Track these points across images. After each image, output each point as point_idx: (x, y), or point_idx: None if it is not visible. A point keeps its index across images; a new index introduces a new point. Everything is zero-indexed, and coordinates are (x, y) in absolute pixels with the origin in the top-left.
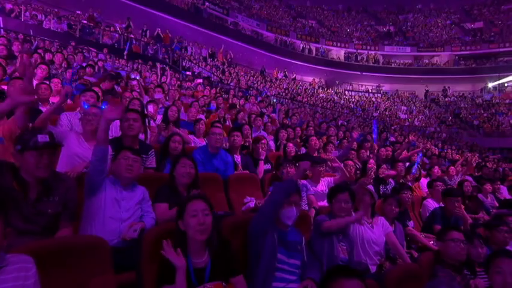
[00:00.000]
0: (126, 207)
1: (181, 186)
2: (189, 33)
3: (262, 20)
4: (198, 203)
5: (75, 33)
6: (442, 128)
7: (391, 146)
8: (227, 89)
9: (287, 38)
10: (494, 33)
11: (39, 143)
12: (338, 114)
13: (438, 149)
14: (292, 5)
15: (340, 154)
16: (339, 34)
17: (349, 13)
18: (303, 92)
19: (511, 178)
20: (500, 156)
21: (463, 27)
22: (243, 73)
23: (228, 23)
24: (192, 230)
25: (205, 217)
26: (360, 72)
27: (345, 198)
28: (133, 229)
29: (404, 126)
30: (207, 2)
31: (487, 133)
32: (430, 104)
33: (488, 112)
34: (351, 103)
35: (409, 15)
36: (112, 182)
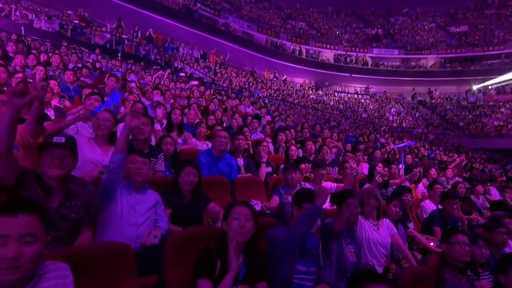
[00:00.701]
0: (141, 211)
1: (184, 191)
2: (181, 33)
3: (253, 22)
4: (242, 208)
5: (67, 33)
6: (430, 129)
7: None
8: (219, 90)
9: (277, 40)
10: (478, 37)
11: (53, 142)
12: (329, 116)
13: (426, 150)
14: (281, 6)
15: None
16: (328, 36)
17: (338, 15)
18: (294, 93)
19: (500, 179)
20: (485, 157)
21: (448, 30)
22: (234, 74)
23: (219, 24)
24: (232, 231)
25: (247, 221)
26: (349, 74)
27: (355, 202)
28: (154, 235)
29: (393, 127)
30: (199, 3)
31: (472, 134)
32: (417, 106)
33: (473, 114)
34: (341, 104)
35: (397, 18)
36: (125, 186)
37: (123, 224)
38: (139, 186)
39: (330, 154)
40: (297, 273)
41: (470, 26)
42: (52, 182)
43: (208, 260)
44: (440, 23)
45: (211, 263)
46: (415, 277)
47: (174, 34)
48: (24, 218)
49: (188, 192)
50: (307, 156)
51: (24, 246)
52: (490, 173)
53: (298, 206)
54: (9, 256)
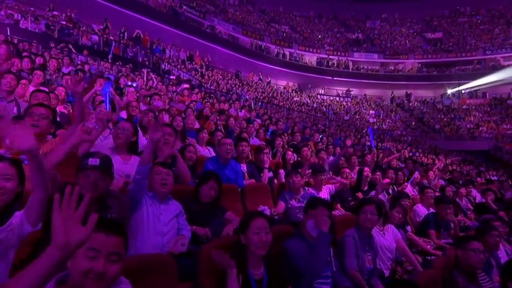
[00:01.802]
0: (165, 221)
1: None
2: (167, 35)
3: (238, 24)
4: (261, 221)
5: (54, 34)
6: (408, 131)
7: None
8: (208, 93)
9: (262, 43)
10: (452, 44)
11: (88, 165)
12: (314, 118)
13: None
14: (265, 10)
15: (333, 161)
16: (311, 40)
17: (320, 20)
18: (279, 96)
19: (480, 182)
20: (460, 158)
21: (424, 36)
22: (221, 76)
23: (204, 26)
24: (253, 245)
25: (267, 235)
26: (331, 77)
27: (371, 210)
28: (181, 243)
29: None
30: (184, 5)
31: (448, 136)
32: (395, 109)
33: (448, 117)
34: (323, 107)
35: (376, 23)
36: (150, 197)
37: (150, 233)
38: (164, 196)
39: (327, 160)
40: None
41: (445, 33)
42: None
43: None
44: (416, 29)
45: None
46: (428, 280)
47: (160, 36)
48: (114, 238)
49: (206, 202)
50: (303, 161)
51: (110, 264)
52: (467, 174)
53: (305, 213)
54: (98, 270)
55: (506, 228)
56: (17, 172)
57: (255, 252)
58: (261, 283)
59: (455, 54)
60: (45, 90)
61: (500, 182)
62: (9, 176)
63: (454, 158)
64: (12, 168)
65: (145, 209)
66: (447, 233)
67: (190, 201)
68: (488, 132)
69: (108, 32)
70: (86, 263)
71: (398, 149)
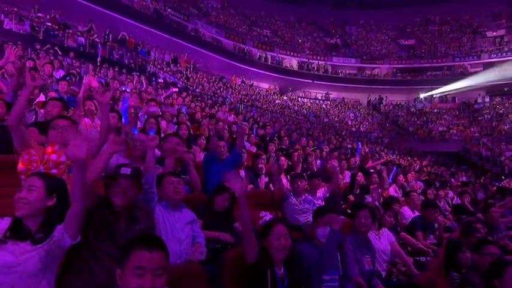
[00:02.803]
0: (180, 228)
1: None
2: (151, 38)
3: (221, 28)
4: (281, 227)
5: (39, 35)
6: (384, 133)
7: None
8: (196, 96)
9: (244, 46)
10: (424, 50)
11: (120, 174)
12: (297, 121)
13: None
14: (247, 13)
15: (320, 165)
16: (291, 44)
17: (299, 24)
18: (262, 99)
19: (456, 184)
20: (433, 160)
21: (398, 43)
22: (206, 79)
23: (188, 29)
24: (274, 249)
25: (286, 240)
26: (311, 81)
27: (365, 214)
28: (200, 251)
29: (352, 132)
30: (169, 8)
31: (421, 139)
32: (372, 112)
33: (421, 120)
34: (304, 109)
35: (353, 29)
36: (164, 206)
37: (169, 241)
38: (177, 204)
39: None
40: (323, 281)
41: (417, 40)
42: (119, 208)
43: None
44: (391, 35)
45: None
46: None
47: (144, 38)
48: (158, 254)
49: (219, 211)
50: (295, 166)
51: (156, 278)
52: (441, 176)
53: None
54: (147, 287)
55: (485, 229)
56: (45, 185)
57: (275, 255)
58: (282, 281)
59: (427, 60)
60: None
61: (473, 183)
62: (34, 187)
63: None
64: (39, 181)
65: (161, 218)
66: (432, 235)
67: (204, 209)
68: (457, 135)
69: (93, 34)
70: (135, 281)
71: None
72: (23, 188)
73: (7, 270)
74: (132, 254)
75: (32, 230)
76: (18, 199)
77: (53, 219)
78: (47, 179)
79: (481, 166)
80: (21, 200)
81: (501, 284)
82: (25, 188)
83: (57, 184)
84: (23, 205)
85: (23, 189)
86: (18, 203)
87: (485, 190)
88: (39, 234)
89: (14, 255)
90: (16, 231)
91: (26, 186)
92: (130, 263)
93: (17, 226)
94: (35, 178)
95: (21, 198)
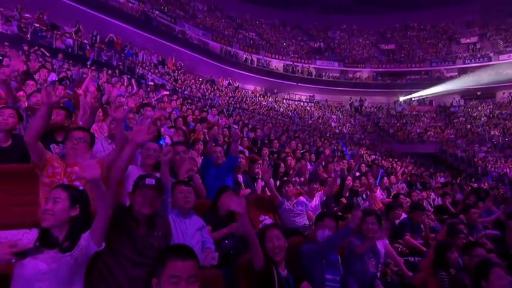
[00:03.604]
0: (191, 234)
1: (221, 214)
2: (138, 39)
3: (207, 30)
4: (272, 230)
5: (26, 36)
6: (365, 135)
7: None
8: (186, 99)
9: (231, 48)
10: (404, 55)
11: (145, 184)
12: (283, 123)
13: (369, 156)
14: (232, 16)
15: (312, 169)
16: (276, 47)
17: (284, 28)
18: (249, 100)
19: (437, 186)
20: (413, 161)
21: (379, 47)
22: (193, 81)
23: (175, 31)
24: (271, 252)
25: (279, 241)
26: (296, 83)
27: (372, 220)
28: (212, 257)
29: (336, 133)
30: (156, 11)
31: (400, 140)
32: (354, 114)
33: (400, 122)
34: (289, 111)
35: (336, 33)
36: (175, 214)
37: None
38: (187, 212)
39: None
40: (326, 280)
41: (397, 45)
42: (140, 215)
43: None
44: (372, 40)
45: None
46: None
47: (132, 39)
48: (190, 263)
49: (224, 214)
50: (288, 170)
51: (190, 285)
52: (421, 177)
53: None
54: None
55: (467, 229)
56: (69, 196)
57: (273, 257)
58: (288, 280)
59: (406, 64)
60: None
61: (451, 184)
62: (59, 199)
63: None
64: (64, 193)
65: (173, 225)
66: (419, 235)
67: (210, 215)
68: (434, 136)
69: (81, 35)
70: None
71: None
72: (49, 199)
73: (42, 278)
74: (167, 264)
75: (60, 239)
76: (44, 211)
77: (78, 228)
78: (70, 191)
79: (456, 167)
80: (48, 212)
81: (488, 284)
82: (50, 199)
83: (79, 195)
84: (49, 216)
85: (49, 201)
86: (45, 214)
87: (462, 191)
88: (67, 243)
89: (47, 263)
90: (45, 241)
91: (52, 198)
92: (166, 273)
93: (45, 236)
94: (59, 190)
95: (48, 209)
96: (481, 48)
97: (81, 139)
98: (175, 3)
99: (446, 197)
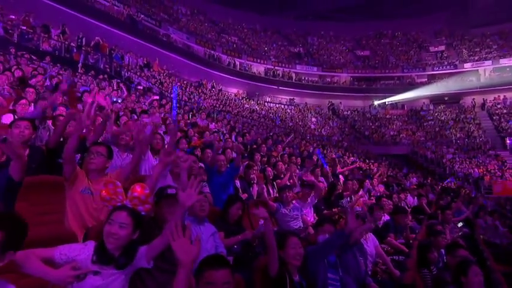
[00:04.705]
0: (206, 240)
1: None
2: (124, 42)
3: (191, 34)
4: (295, 238)
5: (13, 38)
6: (343, 137)
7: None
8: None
9: (214, 52)
10: (378, 61)
11: (169, 194)
12: (266, 126)
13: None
14: (215, 20)
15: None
16: (258, 51)
17: (265, 33)
18: (232, 103)
19: (412, 187)
20: (387, 162)
21: (355, 53)
22: (179, 84)
23: (160, 34)
24: (291, 258)
25: (300, 249)
26: (276, 87)
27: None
28: None
29: (316, 136)
30: (142, 14)
31: (376, 142)
32: (332, 116)
33: (375, 125)
34: (271, 113)
35: (314, 39)
36: (191, 220)
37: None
38: (202, 219)
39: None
40: (328, 279)
41: (371, 52)
42: (163, 223)
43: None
44: (348, 46)
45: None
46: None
47: (117, 42)
48: (224, 271)
49: (233, 222)
50: (278, 174)
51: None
52: (396, 177)
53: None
54: None
55: (443, 229)
56: (133, 222)
57: (292, 263)
58: (301, 285)
59: (380, 70)
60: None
61: (424, 185)
62: (125, 225)
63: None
64: (129, 218)
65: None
66: (401, 236)
67: (221, 222)
68: (406, 138)
69: (67, 38)
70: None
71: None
72: (114, 222)
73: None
74: (204, 273)
75: (115, 255)
76: (109, 233)
77: (134, 248)
78: (135, 218)
79: (426, 167)
80: (113, 235)
81: (466, 279)
82: (116, 223)
83: (141, 221)
84: (114, 240)
85: (114, 224)
86: (110, 238)
87: (433, 190)
88: (122, 260)
89: (102, 278)
90: (101, 257)
91: (117, 222)
92: (202, 280)
93: (101, 251)
94: (126, 215)
95: (113, 233)
96: (448, 56)
97: (98, 153)
98: (159, 6)
99: (421, 198)
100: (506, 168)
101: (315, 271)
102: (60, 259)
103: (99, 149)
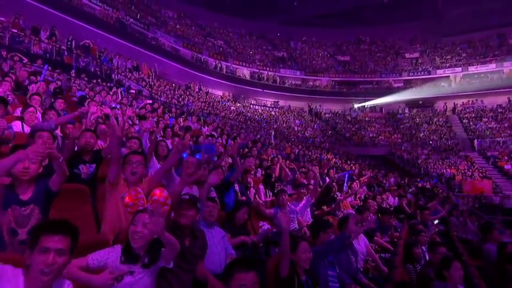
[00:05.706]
0: (217, 242)
1: (238, 223)
2: (113, 45)
3: (179, 37)
4: (305, 243)
5: (4, 41)
6: (325, 139)
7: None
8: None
9: (201, 55)
10: (358, 66)
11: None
12: (252, 128)
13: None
14: (202, 24)
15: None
16: (243, 55)
17: (250, 37)
18: (220, 106)
19: (393, 188)
20: (367, 163)
21: (336, 58)
22: (168, 87)
23: (148, 38)
24: (302, 261)
25: (310, 253)
26: (261, 90)
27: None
28: None
29: (299, 137)
30: (130, 18)
31: (356, 144)
32: (314, 119)
33: (355, 127)
34: (256, 116)
35: (298, 44)
36: (203, 225)
37: (212, 254)
38: (212, 224)
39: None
40: (329, 276)
41: (351, 57)
42: (184, 228)
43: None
44: (330, 51)
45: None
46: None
47: (105, 45)
48: (253, 273)
49: (239, 225)
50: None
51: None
52: (376, 178)
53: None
54: None
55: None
56: None
57: (302, 265)
58: (307, 283)
59: (360, 75)
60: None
61: (403, 186)
62: (148, 224)
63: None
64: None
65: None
66: (386, 235)
67: (228, 224)
68: (384, 140)
69: (56, 40)
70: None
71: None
72: (137, 222)
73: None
74: (234, 275)
75: (140, 254)
76: (134, 232)
77: (157, 248)
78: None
79: (403, 168)
80: (138, 234)
81: (448, 273)
82: (139, 223)
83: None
84: (139, 238)
85: (138, 224)
86: (135, 236)
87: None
88: (146, 259)
89: (132, 275)
90: (128, 256)
91: (141, 222)
92: (234, 283)
93: (128, 252)
94: (148, 216)
95: (138, 232)
96: (422, 62)
97: (139, 162)
98: (147, 10)
99: (402, 198)
100: (475, 168)
101: (318, 269)
102: (93, 264)
103: (138, 158)
